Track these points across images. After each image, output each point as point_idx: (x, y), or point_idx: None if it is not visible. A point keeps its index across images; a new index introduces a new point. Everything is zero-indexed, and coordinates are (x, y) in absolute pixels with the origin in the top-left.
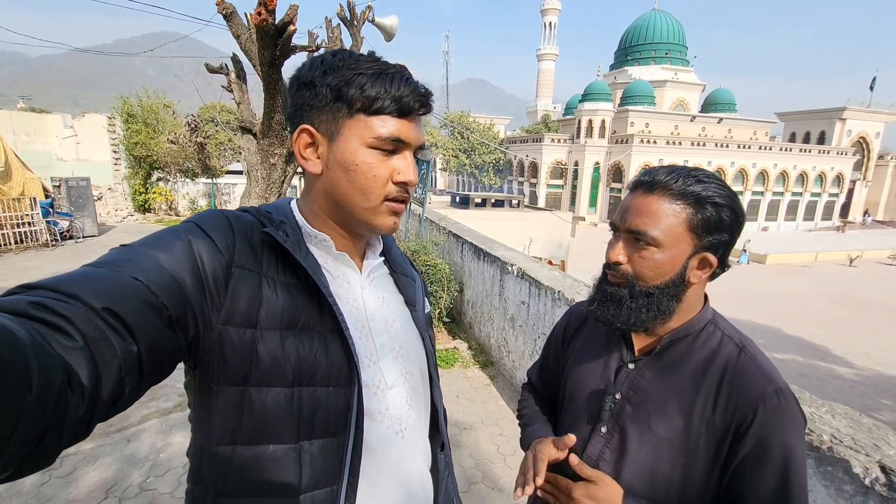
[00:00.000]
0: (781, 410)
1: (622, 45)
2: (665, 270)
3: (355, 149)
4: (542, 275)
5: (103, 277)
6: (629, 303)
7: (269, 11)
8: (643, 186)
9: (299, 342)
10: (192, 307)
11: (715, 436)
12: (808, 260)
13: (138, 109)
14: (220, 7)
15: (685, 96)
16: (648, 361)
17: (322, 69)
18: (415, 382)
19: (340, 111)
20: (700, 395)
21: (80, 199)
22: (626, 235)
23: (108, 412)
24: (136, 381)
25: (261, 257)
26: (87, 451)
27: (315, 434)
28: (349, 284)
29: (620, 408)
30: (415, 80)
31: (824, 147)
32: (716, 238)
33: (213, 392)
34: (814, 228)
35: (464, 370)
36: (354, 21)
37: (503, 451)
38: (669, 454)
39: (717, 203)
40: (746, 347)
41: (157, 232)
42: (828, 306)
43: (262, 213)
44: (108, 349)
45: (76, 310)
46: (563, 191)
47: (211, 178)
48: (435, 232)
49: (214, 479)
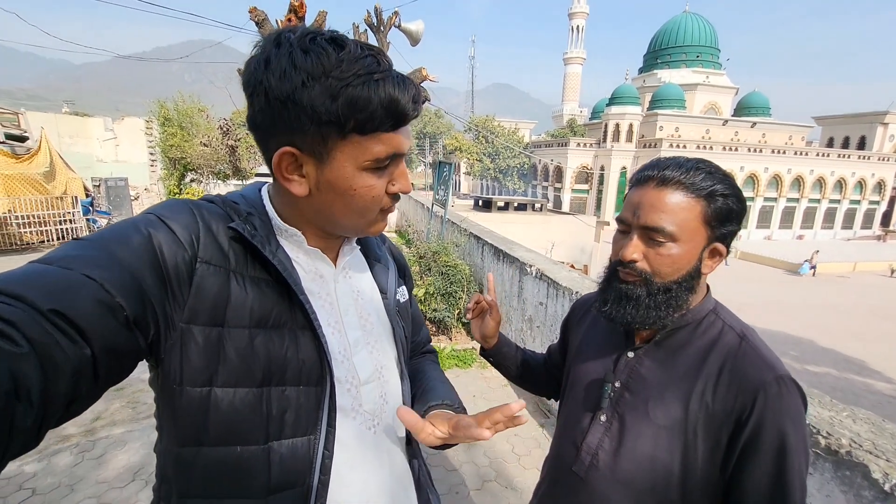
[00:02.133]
0: (781, 397)
1: (651, 48)
2: (682, 265)
3: (352, 174)
4: (561, 276)
5: (51, 276)
6: (647, 300)
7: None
8: (653, 181)
9: (269, 340)
10: (151, 305)
11: (714, 423)
12: (845, 270)
13: (174, 113)
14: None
15: (717, 100)
16: (648, 350)
17: (299, 79)
18: (389, 375)
19: (330, 133)
20: (699, 382)
21: (117, 198)
22: (639, 231)
23: (61, 417)
24: (91, 383)
25: (227, 251)
26: (117, 436)
27: (285, 434)
28: (322, 279)
29: (619, 396)
30: (404, 79)
31: (865, 153)
32: (726, 228)
33: (175, 393)
34: (853, 237)
35: (481, 370)
36: (381, 27)
37: (518, 450)
38: (668, 442)
39: (725, 194)
40: (747, 336)
41: (115, 224)
42: (866, 318)
43: (228, 204)
44: (57, 353)
45: (20, 312)
46: (588, 195)
47: (241, 179)
48: (456, 233)
49: (178, 479)
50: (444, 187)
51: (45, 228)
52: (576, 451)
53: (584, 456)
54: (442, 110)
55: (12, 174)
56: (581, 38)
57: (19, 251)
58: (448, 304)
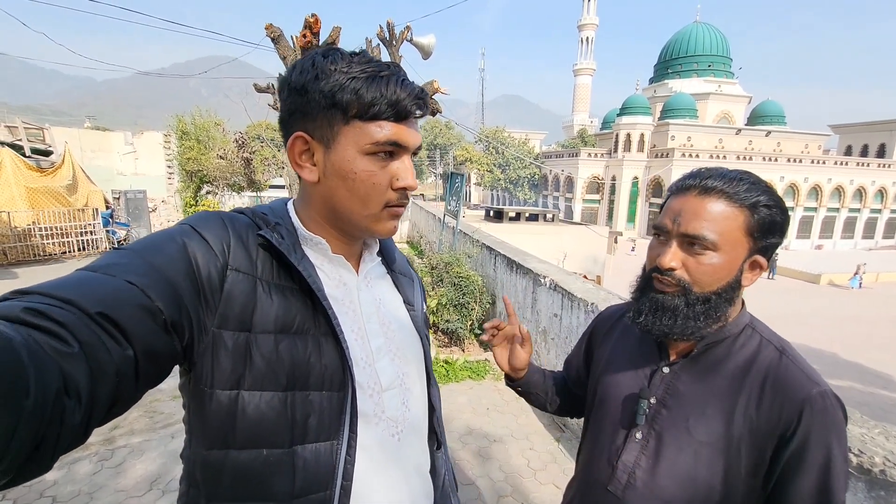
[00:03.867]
0: (826, 412)
1: (662, 58)
2: (723, 275)
3: (353, 157)
4: (575, 287)
5: (97, 282)
6: (685, 311)
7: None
8: (695, 189)
9: (293, 346)
10: (187, 310)
11: (758, 439)
12: (867, 280)
13: (192, 127)
14: (268, 31)
15: (730, 109)
16: (685, 365)
17: (314, 73)
18: (412, 384)
19: (335, 118)
20: (741, 397)
21: (136, 210)
22: (679, 239)
23: (105, 417)
24: (132, 385)
25: (255, 260)
26: (135, 445)
27: (308, 438)
28: (345, 286)
29: (656, 412)
30: (410, 82)
31: (885, 161)
32: (768, 240)
33: (206, 396)
34: (874, 247)
35: (495, 382)
36: (393, 41)
37: (533, 465)
38: (710, 459)
39: (769, 205)
40: (787, 351)
41: (152, 234)
42: (890, 330)
43: (257, 215)
44: (104, 354)
45: (71, 315)
46: (599, 206)
47: (255, 191)
48: (468, 244)
49: (207, 482)
50: (455, 198)
51: (66, 240)
52: (611, 470)
53: (620, 474)
54: (452, 122)
55: (37, 187)
56: (591, 49)
57: (42, 262)
58: (461, 315)
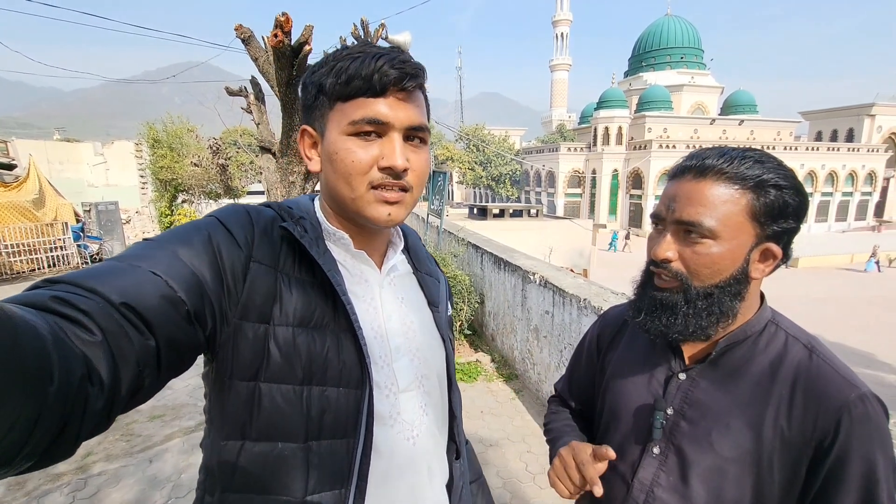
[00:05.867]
0: (869, 419)
1: (636, 51)
2: (724, 266)
3: (335, 139)
4: (566, 283)
5: (122, 272)
6: (685, 308)
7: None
8: (692, 171)
9: (311, 340)
10: (210, 301)
11: (791, 452)
12: (843, 262)
13: (164, 135)
14: (238, 32)
15: (703, 100)
16: (703, 370)
17: (313, 69)
18: (430, 387)
19: (324, 104)
20: (770, 406)
21: (109, 222)
22: (674, 227)
23: (127, 404)
24: (154, 374)
25: (279, 253)
26: (110, 472)
27: (324, 435)
28: (367, 283)
29: (674, 424)
30: (396, 54)
31: (854, 144)
32: (780, 226)
33: (225, 385)
34: (847, 229)
35: (487, 384)
36: (368, 39)
37: (532, 469)
38: (737, 476)
39: (779, 185)
40: (816, 348)
41: (179, 226)
42: (869, 310)
43: (282, 209)
44: (126, 343)
45: (95, 304)
46: (581, 199)
47: (233, 198)
48: (453, 243)
49: (223, 472)
50: (438, 197)
51: (35, 256)
52: (626, 489)
53: (636, 494)
54: (433, 121)
55: (1, 203)
56: (566, 44)
57: (10, 280)
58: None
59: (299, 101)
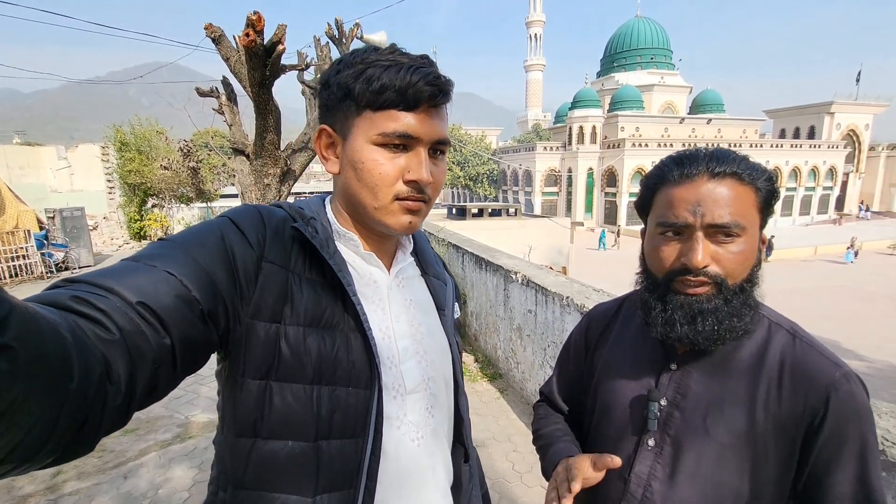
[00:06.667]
0: (853, 395)
1: (608, 52)
2: (751, 259)
3: (361, 147)
4: (549, 281)
5: (139, 272)
6: (726, 309)
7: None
8: (703, 175)
9: (321, 340)
10: (223, 300)
11: (784, 433)
12: (807, 254)
13: (131, 137)
14: (208, 31)
15: (673, 99)
16: (694, 360)
17: (337, 68)
18: (437, 389)
19: (350, 109)
20: (760, 390)
21: (74, 229)
22: (706, 231)
23: (144, 402)
24: (170, 372)
25: (290, 253)
26: (83, 492)
27: (333, 434)
28: (376, 284)
29: (668, 415)
30: (430, 69)
31: (815, 141)
32: (770, 212)
33: (238, 384)
34: (811, 223)
35: (472, 384)
36: (343, 39)
37: (518, 468)
38: (735, 461)
39: (767, 178)
40: (799, 332)
41: (193, 226)
42: (833, 299)
43: (294, 209)
44: (142, 342)
45: (112, 303)
46: (558, 198)
47: (205, 202)
48: (434, 244)
49: (234, 469)
50: None
51: None
52: (623, 484)
53: (633, 488)
54: None
55: None
56: (540, 45)
57: None
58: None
59: (273, 103)
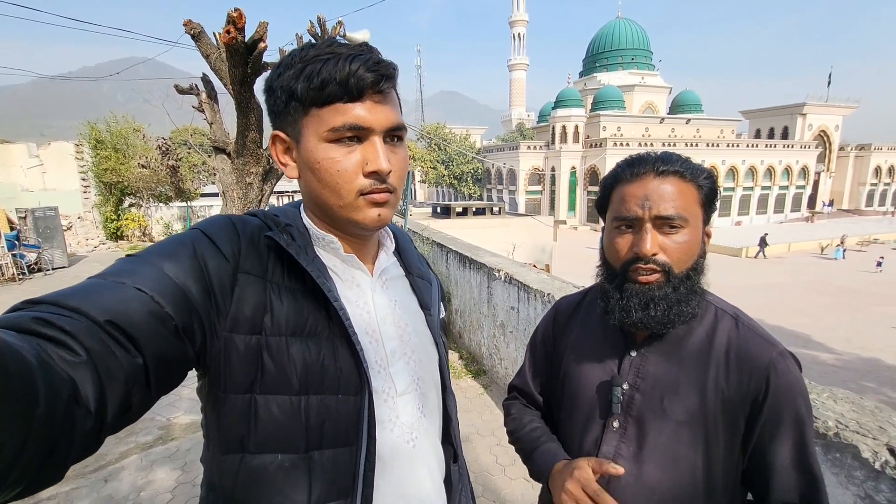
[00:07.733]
0: (789, 371)
1: (590, 52)
2: (695, 249)
3: (314, 146)
4: (531, 278)
5: (106, 289)
6: (674, 296)
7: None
8: (649, 173)
9: (305, 349)
10: (198, 315)
11: (731, 409)
12: (781, 251)
13: (107, 135)
14: (187, 27)
15: (653, 99)
16: (651, 345)
17: (278, 71)
18: (427, 389)
19: (297, 110)
20: (710, 370)
21: (47, 229)
22: (653, 223)
23: (117, 424)
24: (143, 391)
25: (266, 262)
26: (62, 496)
27: (325, 444)
28: (359, 287)
29: (630, 398)
30: (370, 55)
31: (788, 142)
32: (712, 210)
33: (220, 400)
34: (784, 220)
35: (456, 381)
36: (325, 37)
37: (502, 461)
38: (690, 436)
39: (708, 177)
40: (741, 317)
41: (164, 240)
42: (806, 295)
43: (268, 217)
44: (112, 362)
45: (78, 324)
46: (541, 196)
47: (185, 201)
48: (418, 243)
49: (224, 486)
50: (402, 197)
51: None
52: None
53: None
54: None
55: None
56: (523, 45)
57: None
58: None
59: (255, 100)
